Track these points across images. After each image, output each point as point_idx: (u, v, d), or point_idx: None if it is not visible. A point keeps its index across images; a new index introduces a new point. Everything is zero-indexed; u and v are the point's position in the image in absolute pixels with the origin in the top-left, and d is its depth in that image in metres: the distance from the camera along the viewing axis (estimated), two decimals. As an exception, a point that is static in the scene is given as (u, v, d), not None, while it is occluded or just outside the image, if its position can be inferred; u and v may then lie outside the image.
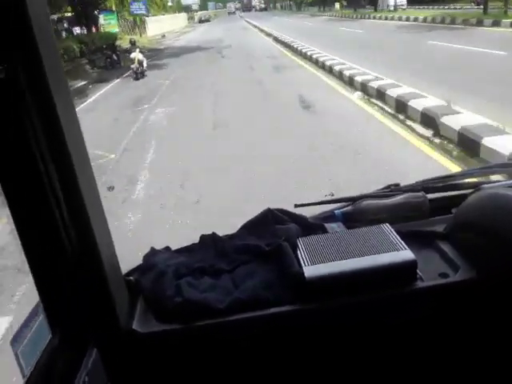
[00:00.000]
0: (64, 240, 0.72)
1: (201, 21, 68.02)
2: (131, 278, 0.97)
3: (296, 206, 1.19)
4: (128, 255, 1.02)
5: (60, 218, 0.71)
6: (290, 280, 0.89)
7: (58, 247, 0.72)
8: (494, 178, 1.16)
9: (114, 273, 0.82)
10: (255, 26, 37.70)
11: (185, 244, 1.06)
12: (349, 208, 1.14)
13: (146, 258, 1.02)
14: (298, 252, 0.93)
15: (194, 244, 1.06)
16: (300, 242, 0.96)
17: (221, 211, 3.89)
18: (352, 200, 1.15)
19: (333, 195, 1.19)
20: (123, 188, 5.08)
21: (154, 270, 0.95)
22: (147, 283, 0.93)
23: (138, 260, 1.02)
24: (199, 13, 78.87)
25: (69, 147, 0.68)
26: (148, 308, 0.91)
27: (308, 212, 1.15)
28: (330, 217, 1.13)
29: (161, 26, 42.47)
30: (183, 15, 65.51)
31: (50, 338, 0.73)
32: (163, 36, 38.08)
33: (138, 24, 37.17)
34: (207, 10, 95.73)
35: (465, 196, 1.01)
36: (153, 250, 1.04)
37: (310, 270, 0.87)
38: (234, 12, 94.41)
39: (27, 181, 0.68)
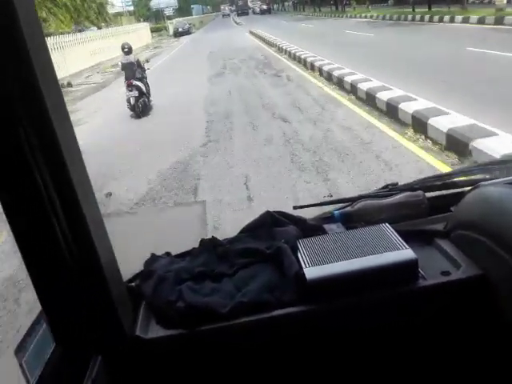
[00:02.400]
0: (63, 249, 0.72)
1: (177, 33, 42.18)
2: (133, 284, 0.97)
3: (295, 207, 1.19)
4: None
5: (58, 226, 0.71)
6: (291, 282, 0.89)
7: (57, 256, 0.72)
8: (491, 175, 1.16)
9: (115, 280, 0.82)
10: (285, 52, 15.19)
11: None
12: (347, 209, 1.14)
13: (147, 264, 1.02)
14: (299, 254, 0.93)
15: (194, 248, 1.06)
16: (300, 244, 0.96)
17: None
18: (350, 201, 1.16)
19: (331, 196, 1.20)
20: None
21: (155, 276, 0.95)
22: (149, 289, 0.93)
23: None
24: (175, 20, 48.90)
25: (64, 156, 0.68)
26: (151, 314, 0.91)
27: (307, 214, 1.15)
28: (328, 218, 1.13)
29: (81, 54, 20.44)
30: (144, 26, 39.98)
31: (53, 346, 0.73)
32: (67, 85, 15.40)
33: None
34: (191, 15, 65.12)
35: (463, 194, 1.01)
36: (153, 256, 1.04)
37: (311, 272, 0.87)
38: (228, 14, 76.90)
39: (24, 192, 0.68)
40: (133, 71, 8.93)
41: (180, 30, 42.53)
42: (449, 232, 1.00)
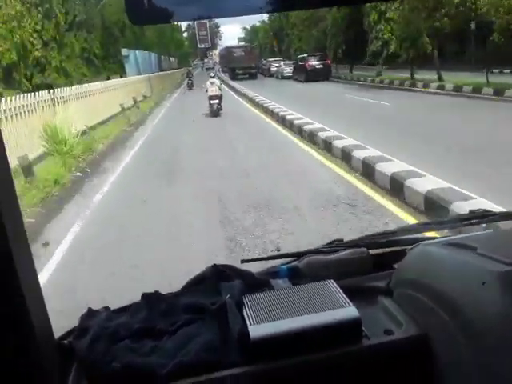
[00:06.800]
0: None
1: None
2: (65, 341, 0.90)
3: (243, 261, 1.18)
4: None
5: None
6: (234, 340, 0.86)
7: None
8: (431, 234, 1.21)
9: (44, 336, 0.77)
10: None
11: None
12: (294, 264, 1.15)
13: (82, 319, 0.96)
14: (244, 310, 0.91)
15: (134, 303, 1.02)
16: (246, 300, 0.94)
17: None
18: (298, 255, 1.16)
19: (279, 250, 1.20)
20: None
21: (90, 333, 0.89)
22: (82, 347, 0.87)
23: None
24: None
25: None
26: (83, 375, 0.84)
27: (254, 267, 1.14)
28: (276, 272, 1.13)
29: None
30: None
31: None
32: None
33: None
34: (123, 73, 26.67)
35: (405, 252, 1.04)
36: (90, 310, 0.99)
37: (255, 330, 0.85)
38: (212, 68, 46.78)
39: None
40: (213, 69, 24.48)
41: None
42: (391, 290, 1.01)
